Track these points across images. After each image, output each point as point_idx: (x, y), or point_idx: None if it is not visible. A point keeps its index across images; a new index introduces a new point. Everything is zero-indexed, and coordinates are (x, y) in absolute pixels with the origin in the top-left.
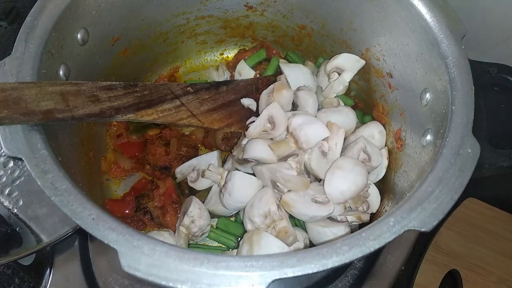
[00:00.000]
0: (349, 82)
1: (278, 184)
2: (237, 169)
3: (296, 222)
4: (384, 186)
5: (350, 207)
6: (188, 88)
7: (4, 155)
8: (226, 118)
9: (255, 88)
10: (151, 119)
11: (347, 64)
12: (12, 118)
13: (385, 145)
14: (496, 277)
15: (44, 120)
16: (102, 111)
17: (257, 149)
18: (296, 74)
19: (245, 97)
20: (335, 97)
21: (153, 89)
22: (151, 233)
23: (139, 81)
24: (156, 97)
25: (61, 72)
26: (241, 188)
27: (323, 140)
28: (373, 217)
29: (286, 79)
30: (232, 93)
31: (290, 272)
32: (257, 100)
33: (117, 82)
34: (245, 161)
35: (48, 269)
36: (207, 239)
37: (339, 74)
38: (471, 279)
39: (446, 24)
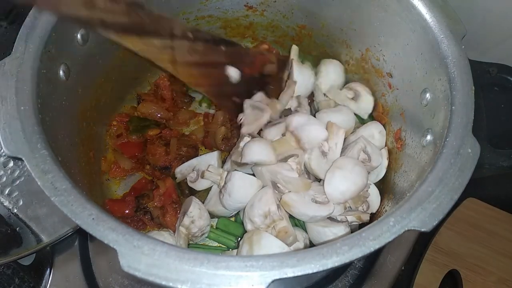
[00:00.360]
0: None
1: (279, 185)
2: (237, 170)
3: (296, 222)
4: (384, 186)
5: (350, 207)
6: (188, 34)
7: (4, 155)
8: (202, 77)
9: (250, 62)
10: (131, 46)
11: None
12: None
13: (385, 145)
14: (496, 277)
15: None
16: (88, 19)
17: (255, 152)
18: (304, 77)
19: (234, 66)
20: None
21: (155, 20)
22: (151, 233)
23: (140, 81)
24: (152, 29)
25: (61, 72)
26: (241, 189)
27: (323, 140)
28: (373, 217)
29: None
30: (227, 57)
31: (290, 272)
32: (245, 75)
33: None
34: (244, 164)
35: (48, 269)
36: (207, 239)
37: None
38: (471, 279)
39: (446, 24)
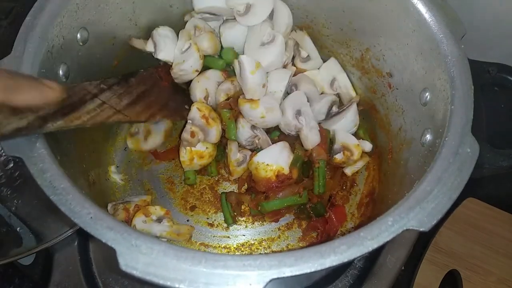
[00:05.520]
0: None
1: None
2: None
3: None
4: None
5: None
6: (101, 86)
7: (4, 155)
8: (148, 108)
9: (159, 76)
10: (80, 123)
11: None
12: None
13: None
14: (496, 277)
15: None
16: (29, 124)
17: None
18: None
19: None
20: None
21: (70, 92)
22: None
23: None
24: (76, 99)
25: (60, 72)
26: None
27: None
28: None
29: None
30: (142, 84)
31: (288, 271)
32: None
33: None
34: None
35: (48, 269)
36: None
37: None
38: (471, 279)
39: (445, 24)
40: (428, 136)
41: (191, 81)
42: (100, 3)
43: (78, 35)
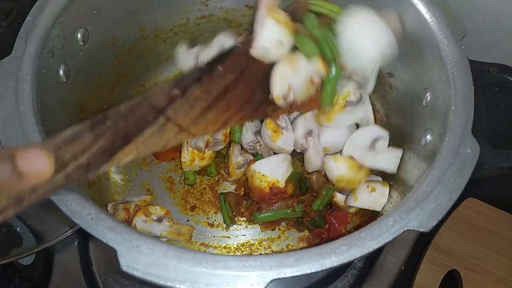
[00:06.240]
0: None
1: None
2: None
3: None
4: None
5: None
6: (174, 91)
7: None
8: (223, 112)
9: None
10: (130, 159)
11: None
12: None
13: None
14: (496, 277)
15: None
16: (68, 179)
17: None
18: None
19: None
20: None
21: (128, 114)
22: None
23: (141, 81)
24: (133, 124)
25: (61, 72)
26: None
27: None
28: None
29: None
30: (230, 72)
31: (289, 272)
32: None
33: (82, 125)
34: None
35: (48, 269)
36: None
37: None
38: (471, 279)
39: (446, 24)
40: (429, 137)
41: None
42: (100, 3)
43: (79, 35)
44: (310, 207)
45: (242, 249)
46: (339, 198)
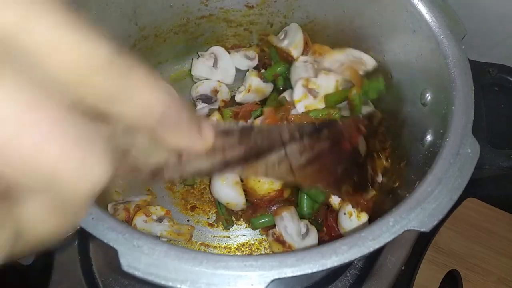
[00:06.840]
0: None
1: None
2: None
3: None
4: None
5: None
6: (295, 133)
7: None
8: (316, 172)
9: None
10: (253, 174)
11: None
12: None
13: None
14: (496, 277)
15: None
16: (212, 167)
17: None
18: None
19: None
20: None
21: (266, 134)
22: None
23: None
24: (266, 145)
25: None
26: None
27: None
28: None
29: None
30: (327, 139)
31: (289, 272)
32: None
33: (235, 124)
34: None
35: (48, 269)
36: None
37: None
38: (471, 279)
39: (446, 24)
40: (429, 137)
41: None
42: (100, 3)
43: None
44: None
45: (242, 249)
46: (334, 200)
